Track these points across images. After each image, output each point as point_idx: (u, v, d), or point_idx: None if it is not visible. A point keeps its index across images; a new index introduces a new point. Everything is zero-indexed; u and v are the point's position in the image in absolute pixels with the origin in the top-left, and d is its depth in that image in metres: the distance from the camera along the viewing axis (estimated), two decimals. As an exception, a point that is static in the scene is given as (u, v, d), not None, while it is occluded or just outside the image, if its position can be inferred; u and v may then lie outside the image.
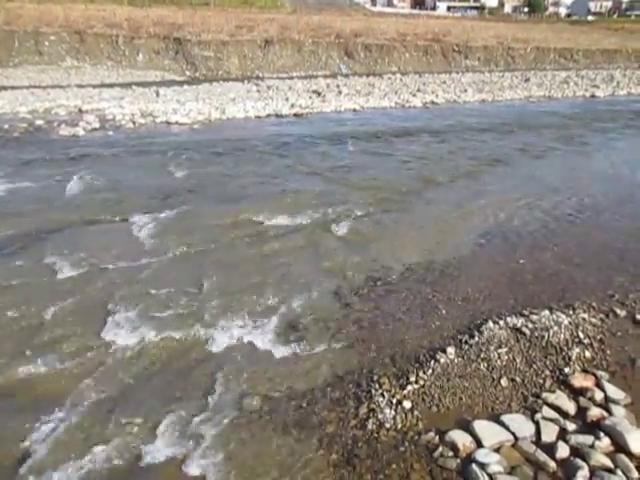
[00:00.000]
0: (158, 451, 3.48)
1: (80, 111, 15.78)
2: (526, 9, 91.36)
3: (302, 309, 5.25)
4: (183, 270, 6.05)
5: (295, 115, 16.46)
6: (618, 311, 5.23)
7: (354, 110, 17.71)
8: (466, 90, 22.40)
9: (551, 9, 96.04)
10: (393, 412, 3.78)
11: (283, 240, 6.89)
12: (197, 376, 4.24)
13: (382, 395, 3.95)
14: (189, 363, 4.41)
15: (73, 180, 9.21)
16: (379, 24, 37.82)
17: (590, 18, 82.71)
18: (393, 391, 4.00)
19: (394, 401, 3.89)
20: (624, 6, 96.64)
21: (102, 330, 4.78)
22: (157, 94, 18.80)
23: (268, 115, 16.28)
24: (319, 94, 20.00)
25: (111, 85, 20.81)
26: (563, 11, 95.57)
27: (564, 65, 37.14)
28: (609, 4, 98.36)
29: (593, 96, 23.16)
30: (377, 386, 4.07)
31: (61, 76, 22.94)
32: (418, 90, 21.93)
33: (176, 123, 14.56)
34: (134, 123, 14.29)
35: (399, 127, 14.98)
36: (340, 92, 20.67)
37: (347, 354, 4.56)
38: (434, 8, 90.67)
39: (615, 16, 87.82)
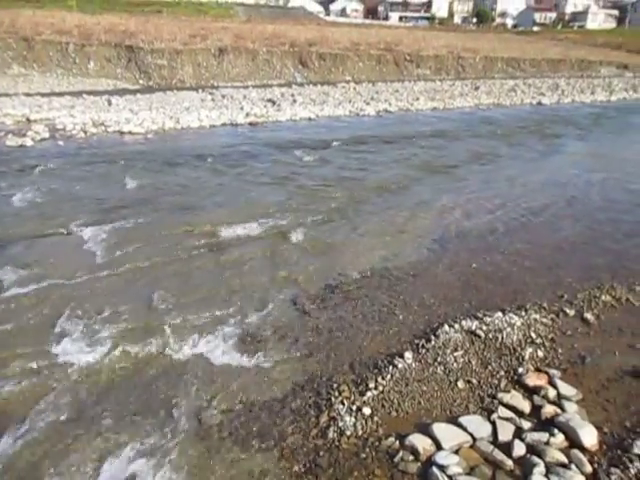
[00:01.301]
0: (117, 469, 3.38)
1: (28, 120, 15.26)
2: (475, 20, 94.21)
3: (260, 319, 5.21)
4: (137, 283, 5.91)
5: (250, 124, 16.39)
6: (567, 310, 5.41)
7: (309, 119, 17.78)
8: (418, 98, 22.81)
9: (498, 20, 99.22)
10: (353, 419, 3.80)
11: (239, 250, 6.84)
12: (154, 391, 4.15)
13: (342, 403, 3.96)
14: (146, 379, 4.31)
15: (21, 192, 8.89)
16: (333, 33, 38.14)
17: (535, 29, 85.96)
18: (353, 398, 4.02)
19: (354, 408, 3.90)
20: (567, 17, 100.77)
21: (53, 349, 4.62)
22: (109, 103, 18.39)
23: (223, 124, 16.15)
24: (274, 103, 19.99)
25: (61, 94, 20.20)
26: (510, 22, 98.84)
27: (512, 74, 38.32)
28: (553, 16, 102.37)
29: (540, 103, 23.98)
30: (337, 394, 4.08)
31: (7, 84, 22.13)
32: (372, 98, 22.20)
33: (129, 133, 14.26)
34: (85, 133, 13.92)
35: (353, 135, 15.12)
36: (295, 101, 20.71)
37: (306, 363, 4.55)
38: (386, 18, 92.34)
39: (559, 27, 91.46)
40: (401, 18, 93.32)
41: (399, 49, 35.71)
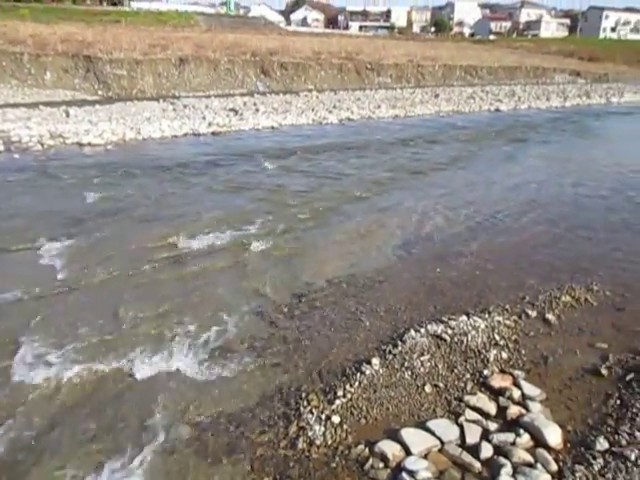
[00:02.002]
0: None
1: (-20, 134, 14.80)
2: (433, 29, 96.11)
3: (227, 331, 5.15)
4: (98, 298, 5.77)
5: (213, 134, 16.29)
6: (529, 312, 5.53)
7: (272, 128, 17.77)
8: (380, 106, 23.07)
9: (456, 29, 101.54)
10: (323, 428, 3.78)
11: (204, 261, 6.76)
12: (120, 409, 4.04)
13: (311, 412, 3.94)
14: (111, 396, 4.19)
15: (-26, 207, 8.59)
16: (294, 43, 38.31)
17: (492, 37, 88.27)
18: (322, 407, 4.00)
19: (323, 417, 3.88)
20: (521, 26, 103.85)
21: (11, 369, 4.45)
22: (67, 114, 17.98)
23: (185, 134, 16.00)
24: (236, 112, 19.91)
25: (16, 105, 19.66)
26: (467, 31, 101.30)
27: (470, 81, 39.17)
28: (508, 25, 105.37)
29: (497, 110, 24.57)
30: (306, 403, 4.06)
31: (-42, 97, 21.46)
32: (334, 107, 22.35)
33: (88, 144, 13.97)
34: (42, 145, 13.56)
35: (317, 144, 15.18)
36: (257, 110, 20.68)
37: (275, 373, 4.52)
38: (347, 28, 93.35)
39: (514, 36, 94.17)
40: (361, 27, 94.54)
41: (360, 58, 36.10)
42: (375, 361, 4.54)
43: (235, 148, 14.16)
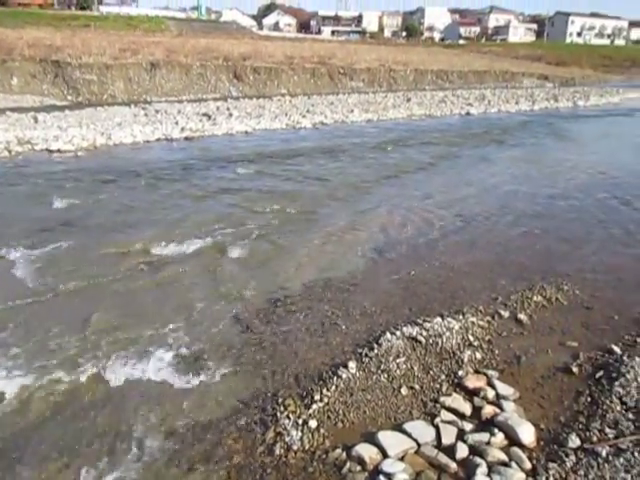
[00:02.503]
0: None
1: (-56, 140, 14.41)
2: (404, 33, 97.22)
3: (201, 337, 5.11)
4: (69, 308, 5.67)
5: (186, 139, 16.18)
6: (502, 312, 5.61)
7: (246, 132, 17.74)
8: (353, 110, 23.22)
9: (426, 34, 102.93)
10: (300, 433, 3.77)
11: (177, 268, 6.69)
12: (93, 420, 3.97)
13: (288, 417, 3.93)
14: (82, 408, 4.11)
15: (-61, 216, 8.37)
16: (267, 47, 38.34)
17: (461, 42, 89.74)
18: (299, 412, 3.99)
19: (300, 422, 3.87)
20: (490, 31, 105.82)
21: (-22, 380, 4.34)
22: (35, 120, 17.66)
23: (158, 139, 15.86)
24: (209, 117, 19.82)
25: (-19, 112, 19.25)
26: (437, 36, 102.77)
27: (441, 85, 39.72)
28: (477, 30, 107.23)
29: (468, 114, 24.94)
30: (282, 408, 4.04)
31: None
32: (307, 111, 22.42)
33: (58, 151, 13.73)
34: (10, 152, 13.29)
35: (291, 148, 15.20)
36: (231, 115, 20.62)
37: (251, 379, 4.49)
38: (319, 32, 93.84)
39: (483, 40, 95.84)
40: (333, 32, 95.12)
41: (333, 62, 36.32)
42: (352, 364, 4.55)
43: (209, 153, 14.08)
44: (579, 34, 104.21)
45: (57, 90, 25.64)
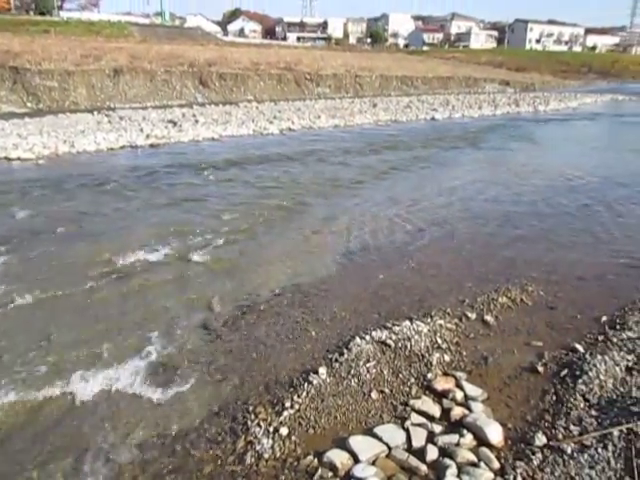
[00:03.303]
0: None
1: None
2: (369, 40, 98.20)
3: (170, 347, 5.04)
4: (32, 320, 5.51)
5: (151, 146, 15.97)
6: (469, 314, 5.70)
7: (212, 139, 17.63)
8: (320, 116, 23.31)
9: (391, 40, 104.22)
10: (271, 441, 3.75)
11: (144, 277, 6.59)
12: (58, 436, 3.86)
13: (259, 425, 3.90)
14: (47, 423, 3.99)
15: None
16: (232, 53, 38.22)
17: (425, 48, 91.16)
18: (269, 419, 3.97)
19: (271, 429, 3.85)
20: (453, 38, 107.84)
21: None
22: (-7, 128, 17.20)
23: (122, 147, 15.62)
24: (175, 124, 19.62)
25: (-64, 120, 18.63)
26: (401, 42, 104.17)
27: (406, 91, 40.23)
28: (440, 36, 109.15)
29: (433, 119, 25.33)
30: (253, 417, 4.01)
31: None
32: (274, 117, 22.41)
33: (18, 159, 13.39)
34: (-34, 161, 12.90)
35: (258, 154, 15.16)
36: (197, 121, 20.46)
37: (221, 388, 4.45)
38: (285, 38, 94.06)
39: (446, 47, 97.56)
40: (299, 38, 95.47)
41: (299, 68, 36.42)
42: (322, 370, 4.55)
43: (175, 160, 13.93)
44: (538, 41, 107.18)
45: (16, 97, 25.00)
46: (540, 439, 3.72)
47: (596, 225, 9.16)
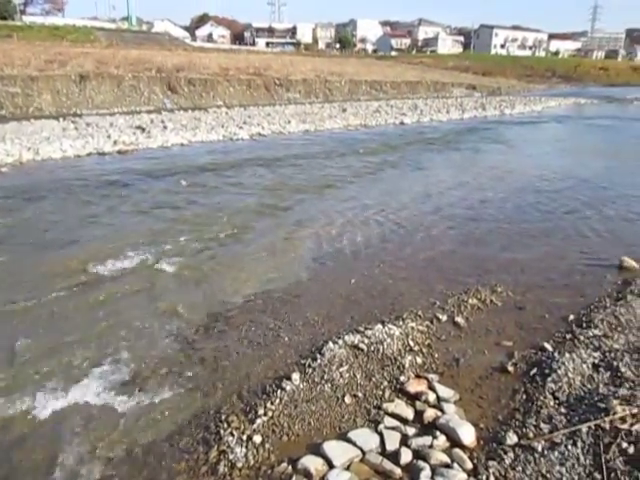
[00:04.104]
0: None
1: None
2: (338, 45, 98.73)
3: (140, 356, 4.95)
4: (-3, 332, 5.36)
5: (119, 152, 15.72)
6: (440, 316, 5.76)
7: (182, 145, 17.45)
8: (290, 121, 23.30)
9: (359, 45, 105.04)
10: (244, 449, 3.71)
11: (113, 285, 6.46)
12: (22, 453, 3.75)
13: (232, 434, 3.86)
14: (11, 441, 3.86)
15: None
16: (201, 59, 37.96)
17: (393, 54, 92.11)
18: (242, 428, 3.93)
19: (244, 438, 3.82)
20: (420, 43, 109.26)
21: None
22: (-47, 136, 16.70)
23: (89, 154, 15.32)
24: (143, 130, 19.36)
25: None
26: (370, 47, 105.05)
27: (375, 96, 40.54)
28: (408, 41, 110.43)
29: (402, 123, 25.55)
30: (226, 425, 3.97)
31: None
32: (244, 123, 22.31)
33: (-21, 167, 13.01)
34: None
35: (228, 160, 15.07)
36: (166, 127, 20.22)
37: (193, 397, 4.39)
38: (253, 44, 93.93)
39: (414, 52, 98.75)
40: (268, 44, 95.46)
41: (268, 74, 36.38)
42: (295, 376, 4.53)
43: (144, 166, 13.73)
44: (502, 46, 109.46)
45: (-23, 104, 24.35)
46: (511, 438, 3.77)
47: (563, 225, 9.36)
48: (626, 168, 15.81)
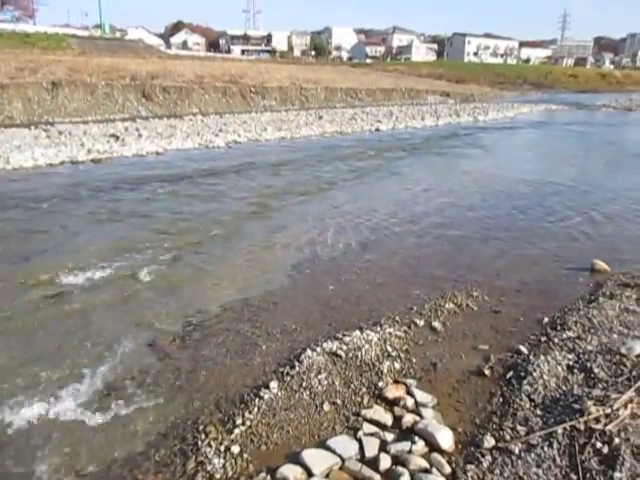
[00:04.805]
0: None
1: None
2: (313, 53, 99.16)
3: (115, 368, 4.86)
4: (-34, 346, 5.22)
5: (93, 161, 15.50)
6: (417, 321, 5.79)
7: (157, 153, 17.29)
8: (266, 129, 23.28)
9: (335, 53, 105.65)
10: (222, 460, 3.67)
11: (86, 296, 6.35)
12: (-7, 468, 3.66)
13: (209, 445, 3.81)
14: (-20, 456, 3.77)
15: None
16: (176, 66, 37.68)
17: (368, 61, 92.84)
18: (220, 438, 3.89)
19: (222, 448, 3.77)
20: (394, 51, 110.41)
21: None
22: None
23: (62, 162, 15.08)
24: (118, 138, 19.14)
25: None
26: (345, 55, 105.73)
27: (351, 103, 40.76)
28: (382, 49, 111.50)
29: (378, 130, 25.73)
30: (203, 436, 3.92)
31: None
32: (220, 130, 22.21)
33: (-53, 177, 12.73)
34: None
35: (204, 167, 14.98)
36: (141, 135, 20.03)
37: (169, 408, 4.33)
38: (229, 51, 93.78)
39: (388, 59, 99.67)
40: (243, 51, 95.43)
41: (244, 81, 36.31)
42: (273, 384, 4.51)
43: (118, 175, 13.57)
44: (475, 53, 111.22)
45: (-55, 112, 23.83)
46: (489, 441, 3.80)
47: (537, 229, 9.51)
48: (597, 173, 16.16)
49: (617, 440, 3.62)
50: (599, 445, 3.63)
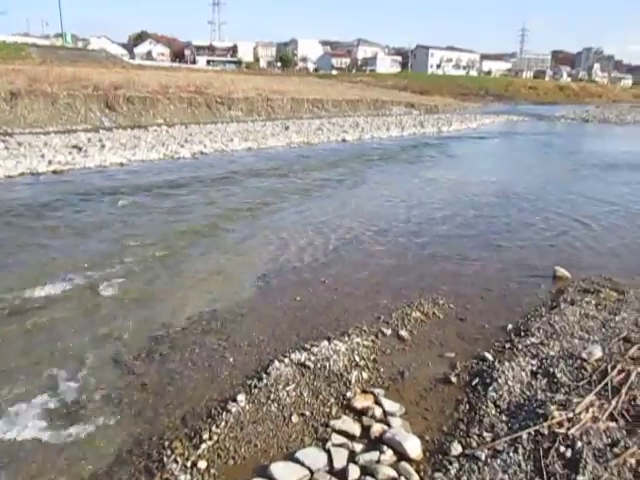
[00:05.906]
0: None
1: None
2: (279, 64, 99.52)
3: (77, 385, 4.73)
4: None
5: (54, 172, 15.14)
6: (385, 330, 5.82)
7: (121, 164, 17.01)
8: (232, 139, 23.18)
9: (300, 64, 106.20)
10: (189, 476, 3.60)
11: (48, 312, 6.16)
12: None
13: (175, 461, 3.74)
14: None
15: None
16: (140, 76, 37.27)
17: (334, 72, 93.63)
18: (187, 454, 3.82)
19: (189, 464, 3.70)
20: (360, 62, 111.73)
21: None
22: None
23: (22, 174, 14.68)
24: (80, 149, 18.76)
25: None
26: (311, 66, 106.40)
27: (317, 114, 40.97)
28: (348, 61, 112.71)
29: (344, 140, 25.93)
30: (169, 452, 3.84)
31: None
32: (186, 141, 22.02)
33: None
34: None
35: (169, 179, 14.81)
36: (104, 146, 19.68)
37: (134, 424, 4.23)
38: (194, 62, 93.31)
39: (354, 71, 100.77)
40: (209, 62, 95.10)
41: (210, 92, 36.13)
42: (240, 397, 4.46)
43: (80, 187, 13.28)
44: (438, 66, 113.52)
45: None
46: (456, 448, 3.84)
47: (501, 237, 9.71)
48: (559, 182, 16.59)
49: (579, 444, 3.70)
50: (562, 449, 3.70)
